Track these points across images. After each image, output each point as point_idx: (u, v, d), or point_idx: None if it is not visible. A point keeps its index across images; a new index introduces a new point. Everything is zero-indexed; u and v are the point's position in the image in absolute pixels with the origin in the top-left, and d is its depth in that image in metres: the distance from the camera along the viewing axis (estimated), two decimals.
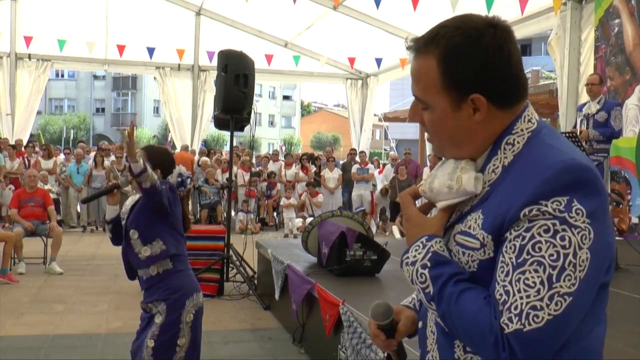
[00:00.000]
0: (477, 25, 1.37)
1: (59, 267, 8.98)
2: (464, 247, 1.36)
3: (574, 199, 1.23)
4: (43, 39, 15.69)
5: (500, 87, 1.36)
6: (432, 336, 1.47)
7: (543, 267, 1.21)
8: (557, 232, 1.22)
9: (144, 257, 3.56)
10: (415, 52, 1.43)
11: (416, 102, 1.47)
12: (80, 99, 53.99)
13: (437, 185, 1.44)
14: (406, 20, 13.89)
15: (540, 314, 1.20)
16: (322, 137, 55.80)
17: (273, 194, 15.63)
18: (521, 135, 1.37)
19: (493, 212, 1.31)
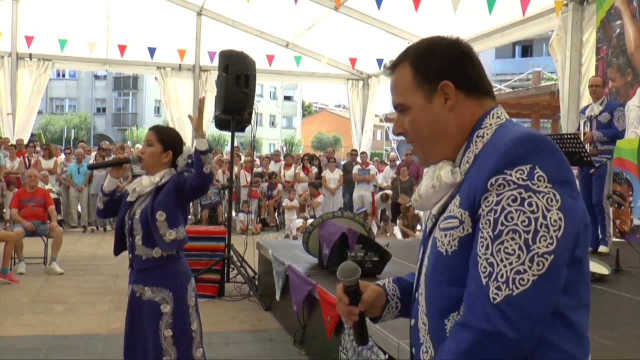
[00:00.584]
0: (440, 37, 1.59)
1: (59, 267, 8.97)
2: (446, 229, 1.46)
3: (535, 166, 1.33)
4: (44, 38, 15.67)
5: (465, 76, 1.54)
6: (423, 327, 1.55)
7: (518, 233, 1.31)
8: (524, 200, 1.32)
9: (169, 240, 3.53)
10: (391, 70, 1.63)
11: (398, 116, 1.62)
12: (81, 98, 54.03)
13: (424, 190, 1.57)
14: (407, 21, 13.88)
15: (525, 277, 1.29)
16: (323, 137, 55.81)
17: (274, 194, 15.62)
18: (490, 129, 1.50)
19: (467, 190, 1.43)
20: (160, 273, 3.55)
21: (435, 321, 1.50)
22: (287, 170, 15.98)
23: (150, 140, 3.67)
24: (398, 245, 6.89)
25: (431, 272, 1.51)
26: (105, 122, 54.29)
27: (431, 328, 1.52)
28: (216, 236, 7.93)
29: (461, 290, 1.41)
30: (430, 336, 1.52)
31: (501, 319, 1.29)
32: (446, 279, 1.46)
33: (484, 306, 1.31)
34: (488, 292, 1.31)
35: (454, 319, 1.44)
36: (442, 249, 1.46)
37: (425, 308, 1.53)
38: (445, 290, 1.46)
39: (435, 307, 1.50)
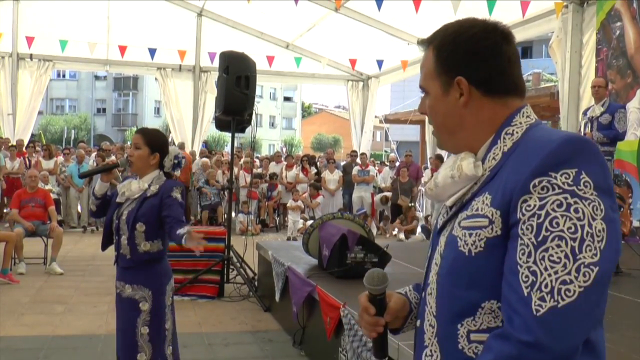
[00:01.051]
0: (472, 22, 1.51)
1: (59, 268, 8.97)
2: (471, 228, 1.38)
3: (582, 170, 1.27)
4: (45, 39, 15.67)
5: (483, 75, 1.46)
6: (430, 330, 1.48)
7: (564, 240, 1.23)
8: (570, 205, 1.25)
9: (141, 251, 3.67)
10: (423, 48, 1.58)
11: (422, 97, 1.58)
12: (82, 99, 54.04)
13: (441, 179, 1.51)
14: (408, 22, 13.89)
15: (572, 287, 1.22)
16: (323, 138, 55.81)
17: (274, 195, 15.62)
18: (520, 127, 1.43)
19: (501, 188, 1.34)
20: (142, 272, 3.68)
21: (446, 325, 1.43)
22: (288, 172, 15.97)
23: (138, 144, 3.75)
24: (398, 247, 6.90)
25: (447, 272, 1.43)
26: (106, 123, 54.29)
27: (440, 331, 1.45)
28: (216, 237, 7.93)
29: (480, 294, 1.36)
30: (437, 340, 1.46)
31: (545, 331, 1.22)
32: (465, 280, 1.38)
33: (526, 318, 1.24)
34: (531, 304, 1.23)
35: (467, 325, 1.38)
36: (465, 249, 1.38)
37: (435, 310, 1.47)
38: (462, 292, 1.39)
39: (447, 309, 1.43)
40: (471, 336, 1.38)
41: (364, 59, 16.72)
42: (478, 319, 1.37)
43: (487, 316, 1.36)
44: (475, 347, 1.37)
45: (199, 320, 6.68)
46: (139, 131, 3.89)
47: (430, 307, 1.48)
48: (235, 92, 7.85)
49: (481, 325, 1.37)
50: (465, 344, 1.39)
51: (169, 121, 18.13)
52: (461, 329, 1.39)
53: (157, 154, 3.76)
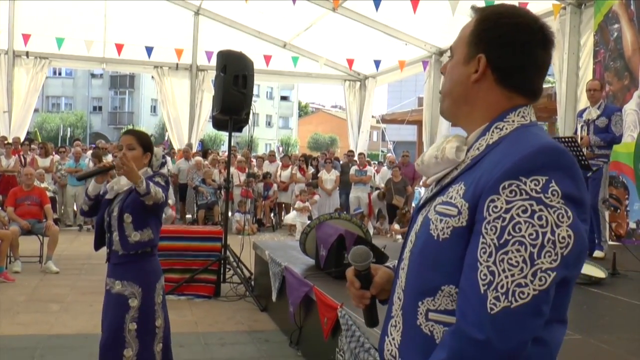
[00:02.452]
0: (523, 13, 1.51)
1: (55, 266, 8.94)
2: (442, 214, 1.43)
3: (552, 179, 1.30)
4: (41, 36, 15.65)
5: (504, 63, 1.48)
6: (398, 302, 1.54)
7: (524, 246, 1.28)
8: (534, 212, 1.29)
9: (133, 242, 3.74)
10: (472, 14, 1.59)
11: (449, 59, 1.61)
12: (78, 97, 53.92)
13: (427, 158, 1.57)
14: (405, 22, 13.90)
15: (526, 290, 1.27)
16: (320, 138, 55.80)
17: (270, 194, 15.60)
18: (511, 125, 1.46)
19: (474, 183, 1.38)
20: (133, 269, 3.75)
21: (410, 300, 1.49)
22: (283, 171, 15.96)
23: (132, 144, 3.86)
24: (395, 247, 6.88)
25: (418, 251, 1.49)
26: (102, 121, 54.19)
27: (405, 305, 1.51)
28: (212, 236, 7.92)
29: (441, 277, 1.41)
30: (402, 312, 1.52)
31: (495, 330, 1.27)
32: (431, 263, 1.44)
33: (479, 315, 1.29)
34: (485, 301, 1.29)
35: (427, 304, 1.44)
36: (435, 233, 1.43)
37: (404, 285, 1.52)
38: (427, 273, 1.45)
39: (413, 286, 1.49)
40: (429, 315, 1.44)
41: (361, 58, 16.74)
42: (437, 300, 1.43)
43: (445, 299, 1.42)
44: (432, 326, 1.44)
45: (195, 320, 6.67)
46: (131, 132, 4.00)
47: (400, 280, 1.54)
48: (233, 91, 7.82)
49: (439, 306, 1.43)
50: (422, 321, 1.45)
51: (165, 120, 18.13)
52: (421, 307, 1.45)
53: (149, 154, 3.90)
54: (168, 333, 3.90)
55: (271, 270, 6.63)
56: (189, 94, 17.18)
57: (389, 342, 1.55)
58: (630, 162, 9.06)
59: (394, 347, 1.53)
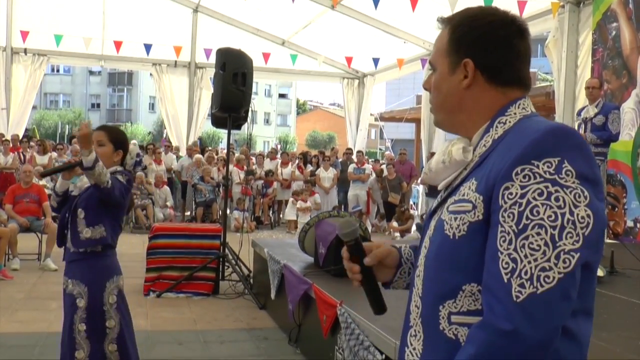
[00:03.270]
0: (493, 11, 1.54)
1: (53, 264, 8.92)
2: (456, 212, 1.41)
3: (564, 159, 1.30)
4: (40, 33, 15.63)
5: (491, 62, 1.49)
6: (416, 310, 1.52)
7: (544, 229, 1.26)
8: (550, 194, 1.28)
9: (83, 238, 3.62)
10: (440, 26, 1.61)
11: (430, 73, 1.62)
12: (76, 94, 53.84)
13: (434, 164, 1.56)
14: (404, 20, 13.89)
15: (551, 274, 1.25)
16: (318, 135, 55.78)
17: (269, 192, 15.60)
18: (513, 117, 1.47)
19: (486, 175, 1.38)
20: (80, 267, 3.64)
21: (429, 306, 1.46)
22: (284, 169, 15.95)
23: (102, 140, 3.73)
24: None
25: (434, 255, 1.47)
26: (100, 118, 54.04)
27: (424, 312, 1.48)
28: (211, 234, 7.92)
29: (462, 277, 1.39)
30: (421, 320, 1.49)
31: (524, 318, 1.25)
32: (448, 263, 1.42)
33: (505, 305, 1.27)
34: (510, 290, 1.27)
35: (449, 307, 1.41)
36: (450, 232, 1.42)
37: (421, 291, 1.50)
38: (445, 275, 1.42)
39: (431, 291, 1.46)
40: (452, 318, 1.41)
41: (360, 56, 16.73)
42: (459, 301, 1.40)
43: (467, 299, 1.39)
44: (455, 329, 1.41)
45: (194, 318, 6.67)
46: (102, 128, 3.88)
47: (417, 288, 1.52)
48: (232, 89, 7.82)
49: (461, 307, 1.40)
50: (445, 325, 1.42)
51: (163, 117, 18.12)
52: (442, 311, 1.42)
53: (120, 152, 3.77)
54: (125, 333, 3.72)
55: (270, 268, 6.64)
56: (187, 91, 17.16)
57: (410, 353, 1.53)
58: (628, 160, 9.07)
59: (415, 357, 1.51)
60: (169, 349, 5.66)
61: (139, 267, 8.05)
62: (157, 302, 7.26)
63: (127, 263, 9.43)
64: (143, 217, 13.67)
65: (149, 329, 6.21)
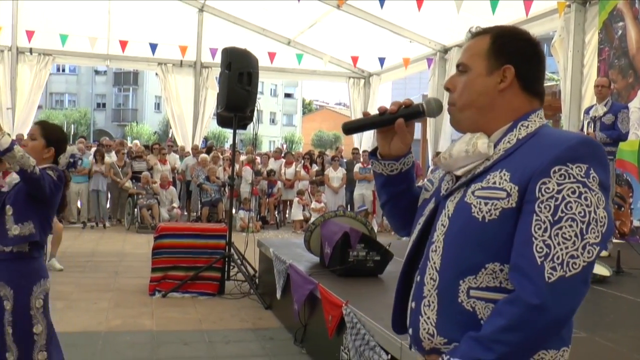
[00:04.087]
0: (525, 31, 1.75)
1: (58, 264, 8.95)
2: (487, 198, 1.59)
3: (591, 167, 1.51)
4: (45, 33, 15.65)
5: (529, 72, 1.69)
6: (431, 282, 1.66)
7: (576, 222, 1.48)
8: (581, 194, 1.49)
9: (11, 235, 3.49)
10: (472, 36, 1.77)
11: (455, 75, 1.77)
12: (81, 94, 53.94)
13: (456, 151, 1.70)
14: (410, 20, 13.87)
15: (577, 262, 1.47)
16: (324, 135, 55.77)
17: (274, 192, 15.60)
18: (534, 124, 1.66)
19: (521, 168, 1.56)
20: (7, 269, 3.50)
21: (449, 279, 1.62)
22: (287, 168, 15.94)
23: (34, 135, 3.65)
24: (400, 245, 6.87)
25: (456, 234, 1.62)
26: (105, 118, 54.23)
27: (441, 285, 1.64)
28: (217, 234, 7.91)
29: (486, 256, 1.57)
30: (437, 292, 1.64)
31: (552, 296, 1.45)
32: (474, 243, 1.58)
33: (537, 284, 1.46)
34: (543, 272, 1.46)
35: (469, 282, 1.58)
36: (479, 215, 1.58)
37: (439, 265, 1.65)
38: (469, 253, 1.59)
39: (452, 266, 1.62)
40: (470, 292, 1.59)
41: (365, 56, 16.71)
42: (479, 277, 1.58)
43: (487, 276, 1.58)
44: (473, 302, 1.59)
45: (199, 318, 6.67)
46: (38, 122, 3.80)
47: (433, 262, 1.67)
48: (238, 89, 7.81)
49: (481, 283, 1.58)
50: (464, 298, 1.60)
51: (169, 117, 18.13)
52: (462, 285, 1.60)
53: (52, 149, 3.65)
54: (53, 339, 3.64)
55: (275, 267, 6.63)
56: (193, 91, 17.17)
57: (425, 322, 1.67)
58: (634, 160, 9.04)
59: (430, 325, 1.66)
60: (175, 349, 5.65)
61: (145, 267, 8.06)
62: (162, 302, 7.26)
63: (133, 263, 9.52)
64: (149, 217, 13.68)
65: (154, 329, 6.22)
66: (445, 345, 1.63)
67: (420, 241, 1.80)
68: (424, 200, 1.86)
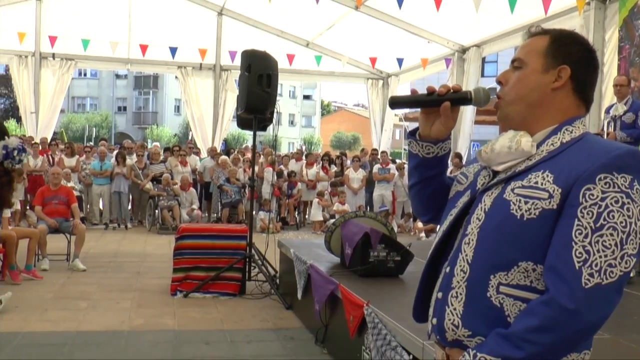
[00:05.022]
0: (584, 37, 1.78)
1: (81, 264, 9.04)
2: (528, 197, 1.58)
3: (635, 179, 1.51)
4: (67, 38, 15.85)
5: (585, 76, 1.70)
6: (461, 274, 1.66)
7: (617, 231, 1.48)
8: (624, 204, 1.49)
9: None
10: (530, 35, 1.78)
11: (508, 70, 1.77)
12: (103, 97, 54.39)
13: (498, 147, 1.70)
14: (428, 20, 13.85)
15: (615, 270, 1.47)
16: (342, 136, 55.76)
17: (294, 193, 15.63)
18: (578, 130, 1.67)
19: (566, 172, 1.55)
20: None
21: (480, 273, 1.62)
22: (309, 169, 15.95)
23: None
24: (420, 245, 6.87)
25: (492, 229, 1.62)
26: (126, 121, 54.61)
27: (471, 277, 1.64)
28: (237, 234, 7.95)
29: (521, 254, 1.56)
30: (466, 284, 1.64)
31: (587, 302, 1.45)
32: (510, 240, 1.58)
33: (574, 288, 1.46)
34: (580, 277, 1.46)
35: (500, 278, 1.58)
36: (517, 212, 1.58)
37: (471, 258, 1.65)
38: (504, 249, 1.59)
39: (485, 260, 1.62)
40: (500, 288, 1.59)
41: (384, 57, 16.71)
42: (511, 274, 1.58)
43: (519, 274, 1.57)
44: (502, 298, 1.59)
45: (221, 318, 6.71)
46: None
47: (465, 254, 1.67)
48: (257, 91, 7.85)
49: (512, 280, 1.58)
50: (493, 293, 1.59)
51: (189, 119, 18.26)
52: (493, 280, 1.60)
53: None
54: None
55: (296, 268, 6.65)
56: (212, 93, 17.26)
57: (450, 312, 1.67)
58: None
59: (456, 316, 1.66)
60: (196, 349, 5.70)
61: (166, 268, 8.11)
62: (184, 302, 7.31)
63: (154, 263, 9.59)
64: (169, 218, 13.77)
65: (176, 329, 6.27)
66: (468, 338, 1.63)
67: (450, 233, 1.79)
68: (457, 193, 1.86)
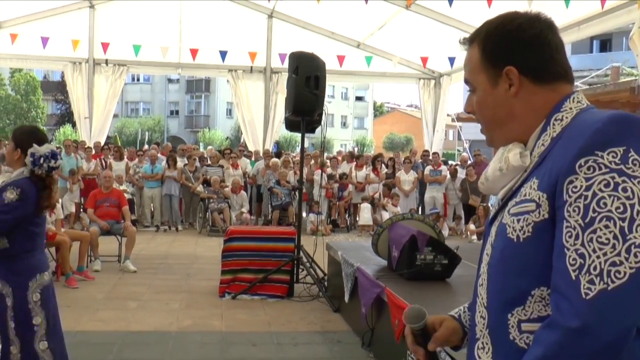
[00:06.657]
0: (515, 14, 1.51)
1: (132, 266, 9.17)
2: (519, 214, 1.35)
3: (630, 148, 1.22)
4: (119, 44, 16.14)
5: (533, 61, 1.44)
6: (482, 321, 1.45)
7: (613, 221, 1.19)
8: (617, 185, 1.20)
9: None
10: (467, 47, 1.57)
11: (469, 94, 1.56)
12: (155, 102, 55.28)
13: (491, 172, 1.51)
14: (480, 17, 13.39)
15: (622, 269, 1.18)
16: (395, 138, 55.46)
17: (345, 195, 15.56)
18: (570, 112, 1.40)
19: (548, 172, 1.31)
20: (2, 267, 3.63)
21: (497, 315, 1.40)
22: (358, 171, 15.86)
23: (9, 139, 3.82)
24: (469, 248, 6.73)
25: (497, 261, 1.41)
26: (178, 125, 55.37)
27: (491, 322, 1.42)
28: (286, 237, 7.94)
29: (530, 281, 1.33)
30: (488, 331, 1.42)
31: (594, 315, 1.17)
32: (514, 268, 1.35)
33: (574, 302, 1.19)
34: (579, 287, 1.20)
35: (518, 315, 1.35)
36: (513, 235, 1.36)
37: (486, 300, 1.44)
38: (512, 280, 1.36)
39: (498, 299, 1.40)
40: (522, 326, 1.34)
41: (435, 56, 16.52)
42: (528, 307, 1.33)
43: (537, 304, 1.32)
44: (527, 337, 1.33)
45: (268, 320, 6.70)
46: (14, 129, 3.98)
47: (481, 298, 1.46)
48: (305, 93, 7.82)
49: (532, 314, 1.33)
50: (516, 335, 1.35)
51: (240, 122, 18.36)
52: (511, 319, 1.36)
53: (19, 150, 3.71)
54: (55, 332, 3.78)
55: (344, 271, 6.59)
56: (263, 96, 17.33)
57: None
58: None
59: None
60: (243, 350, 5.69)
61: (216, 270, 8.15)
62: (232, 303, 7.32)
63: (203, 265, 9.65)
64: (220, 220, 13.86)
65: (223, 330, 6.28)
66: None
67: None
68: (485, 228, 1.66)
